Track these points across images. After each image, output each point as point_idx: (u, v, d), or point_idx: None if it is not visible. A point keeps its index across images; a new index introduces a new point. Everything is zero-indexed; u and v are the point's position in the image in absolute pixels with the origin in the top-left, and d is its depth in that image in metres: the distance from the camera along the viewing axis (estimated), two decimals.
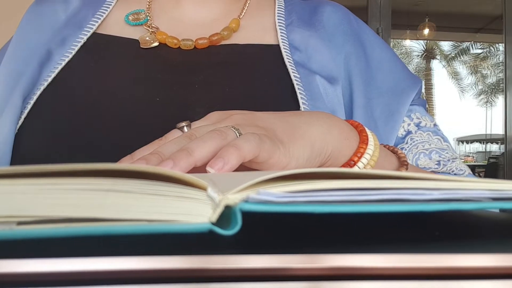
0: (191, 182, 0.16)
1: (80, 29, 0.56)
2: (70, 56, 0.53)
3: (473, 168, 6.42)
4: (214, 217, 0.15)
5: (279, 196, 0.16)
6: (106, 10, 0.58)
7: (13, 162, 0.48)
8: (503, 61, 2.91)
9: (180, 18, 0.59)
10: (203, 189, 0.16)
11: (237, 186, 0.16)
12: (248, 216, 0.15)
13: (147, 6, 0.59)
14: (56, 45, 0.55)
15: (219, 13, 0.59)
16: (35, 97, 0.50)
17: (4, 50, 0.59)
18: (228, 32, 0.56)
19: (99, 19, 0.57)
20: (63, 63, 0.53)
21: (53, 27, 0.57)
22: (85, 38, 0.55)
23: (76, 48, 0.54)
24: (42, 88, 0.51)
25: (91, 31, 0.56)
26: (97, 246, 0.15)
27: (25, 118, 0.50)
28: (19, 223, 0.14)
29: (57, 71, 0.52)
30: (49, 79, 0.51)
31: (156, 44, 0.55)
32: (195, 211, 0.15)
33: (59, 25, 0.57)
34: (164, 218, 0.15)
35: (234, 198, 0.16)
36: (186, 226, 0.15)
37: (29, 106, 0.50)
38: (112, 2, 0.59)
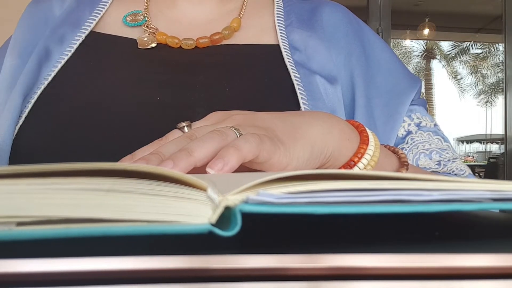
0: (191, 183, 0.16)
1: (78, 27, 0.56)
2: (69, 54, 0.53)
3: (473, 168, 6.42)
4: (214, 218, 0.15)
5: (279, 197, 0.16)
6: (103, 9, 0.58)
7: (12, 161, 0.48)
8: (503, 61, 2.91)
9: (178, 19, 0.59)
10: (203, 190, 0.16)
11: (237, 187, 0.16)
12: (248, 216, 0.15)
13: (145, 6, 0.59)
14: (55, 43, 0.55)
15: (217, 13, 0.59)
16: (35, 96, 0.50)
17: (4, 48, 0.59)
18: (230, 32, 0.56)
19: (97, 17, 0.57)
20: (63, 62, 0.53)
21: (50, 24, 0.57)
22: (83, 36, 0.55)
23: (75, 47, 0.54)
24: (42, 87, 0.51)
25: (89, 29, 0.56)
26: (97, 246, 0.15)
27: (25, 118, 0.50)
28: (19, 224, 0.14)
29: (56, 70, 0.52)
30: (49, 78, 0.52)
31: (153, 45, 0.55)
32: (194, 212, 0.15)
33: (55, 22, 0.57)
34: (164, 218, 0.15)
35: (234, 199, 0.16)
36: (185, 227, 0.15)
37: (29, 105, 0.50)
38: (108, 1, 0.59)
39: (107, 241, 0.14)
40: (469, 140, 13.56)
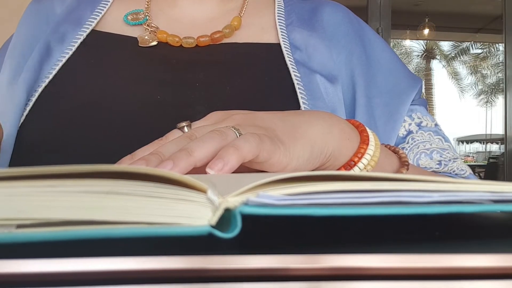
0: (191, 184, 0.16)
1: (79, 26, 0.56)
2: (70, 53, 0.54)
3: (473, 168, 6.42)
4: (214, 220, 0.15)
5: (279, 199, 0.16)
6: (104, 8, 0.58)
7: (12, 159, 0.49)
8: (503, 61, 2.91)
9: (179, 18, 0.59)
10: (203, 191, 0.16)
11: (237, 188, 0.16)
12: (248, 217, 0.15)
13: (146, 6, 0.59)
14: (56, 41, 0.55)
15: (217, 12, 0.59)
16: (36, 94, 0.51)
17: (5, 48, 0.59)
18: (230, 30, 0.56)
19: (98, 16, 0.57)
20: (64, 60, 0.53)
21: (51, 21, 0.57)
22: (85, 35, 0.55)
23: (76, 45, 0.54)
24: (43, 85, 0.51)
25: (90, 28, 0.56)
26: (97, 246, 0.15)
27: (26, 116, 0.50)
28: (19, 226, 0.14)
29: (57, 68, 0.52)
30: (50, 77, 0.52)
31: (154, 43, 0.55)
32: (194, 213, 0.15)
33: (56, 19, 0.57)
34: (164, 220, 0.15)
35: (234, 201, 0.16)
36: (185, 229, 0.15)
37: (30, 104, 0.50)
38: (109, 0, 0.59)
39: (107, 241, 0.14)
40: (469, 140, 13.56)
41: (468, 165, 0.56)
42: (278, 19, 0.58)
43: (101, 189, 0.15)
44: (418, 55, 13.04)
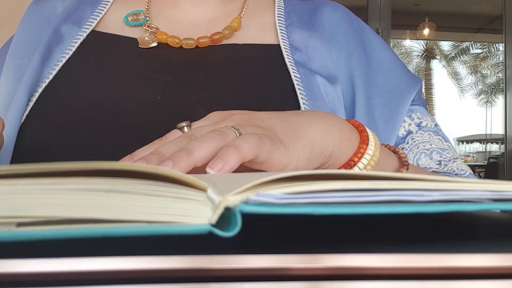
0: (191, 183, 0.16)
1: (79, 26, 0.56)
2: (70, 53, 0.54)
3: (473, 168, 6.42)
4: (214, 218, 0.15)
5: (279, 198, 0.16)
6: (104, 8, 0.58)
7: (14, 159, 0.49)
8: (503, 61, 2.91)
9: (179, 19, 0.59)
10: (203, 190, 0.16)
11: (237, 187, 0.16)
12: (248, 216, 0.15)
13: (146, 6, 0.59)
14: (56, 41, 0.55)
15: (218, 13, 0.59)
16: (37, 95, 0.51)
17: (5, 49, 0.59)
18: (230, 31, 0.56)
19: (98, 16, 0.57)
20: (64, 60, 0.53)
21: (52, 21, 0.57)
22: (84, 35, 0.55)
23: (76, 46, 0.54)
24: (44, 85, 0.51)
25: (90, 28, 0.56)
26: (97, 246, 0.15)
27: (27, 116, 0.50)
28: (19, 225, 0.14)
29: (58, 68, 0.52)
30: (50, 77, 0.52)
31: (154, 44, 0.55)
32: (194, 212, 0.15)
33: (57, 20, 0.57)
34: (164, 219, 0.15)
35: (234, 199, 0.16)
36: (185, 227, 0.15)
37: (31, 104, 0.50)
38: (110, 1, 0.59)
39: (107, 241, 0.14)
40: (469, 140, 13.56)
41: (468, 165, 0.56)
42: (278, 20, 0.58)
43: (101, 187, 0.15)
44: (418, 55, 13.05)
